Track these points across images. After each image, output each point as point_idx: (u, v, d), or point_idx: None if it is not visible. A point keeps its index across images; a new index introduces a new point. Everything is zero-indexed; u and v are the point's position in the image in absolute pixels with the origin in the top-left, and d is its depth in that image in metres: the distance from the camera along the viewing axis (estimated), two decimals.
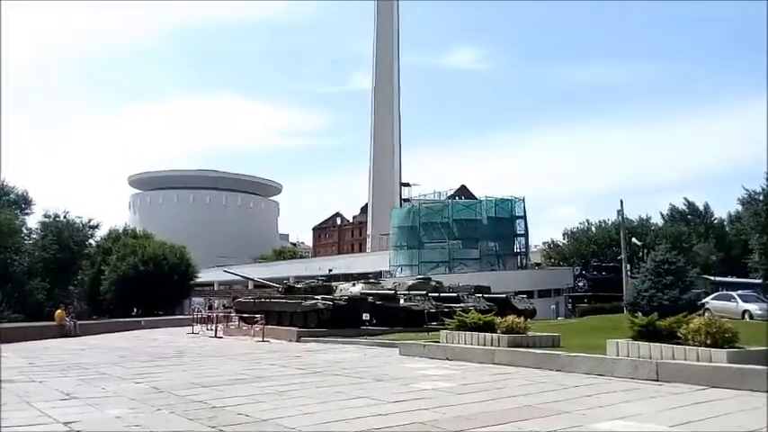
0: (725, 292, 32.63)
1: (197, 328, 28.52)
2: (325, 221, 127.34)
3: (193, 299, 57.01)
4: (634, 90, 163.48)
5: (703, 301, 27.60)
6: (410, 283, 32.35)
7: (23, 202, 52.61)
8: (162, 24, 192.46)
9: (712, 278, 43.91)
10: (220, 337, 25.55)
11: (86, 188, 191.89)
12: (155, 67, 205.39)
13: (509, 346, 12.02)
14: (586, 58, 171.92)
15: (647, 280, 25.54)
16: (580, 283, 48.29)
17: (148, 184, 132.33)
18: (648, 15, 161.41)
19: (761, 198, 45.43)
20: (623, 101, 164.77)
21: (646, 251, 38.51)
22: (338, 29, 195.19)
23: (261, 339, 22.47)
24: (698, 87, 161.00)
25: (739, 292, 30.69)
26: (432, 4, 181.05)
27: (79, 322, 32.96)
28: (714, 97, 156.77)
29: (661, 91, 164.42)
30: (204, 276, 65.46)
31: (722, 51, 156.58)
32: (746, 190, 48.32)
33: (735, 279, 46.41)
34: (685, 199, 63.27)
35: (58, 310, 32.49)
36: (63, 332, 29.62)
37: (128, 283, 49.83)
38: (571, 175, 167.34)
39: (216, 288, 78.15)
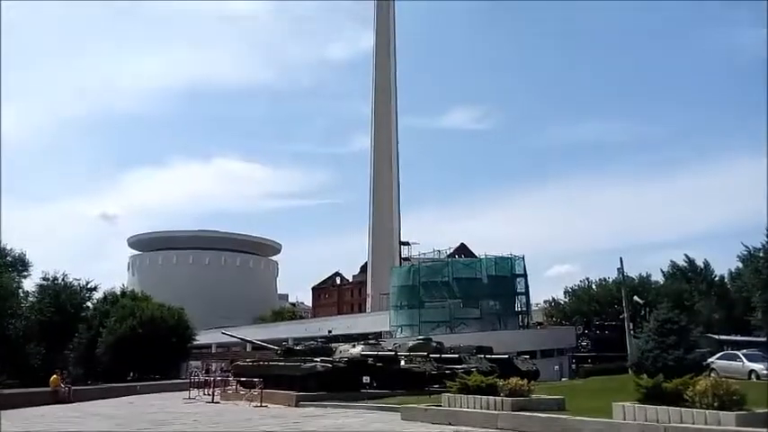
0: (730, 351, 32.15)
1: (194, 392, 27.93)
2: (325, 281, 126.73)
3: (191, 362, 56.13)
4: (631, 147, 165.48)
5: (709, 361, 27.16)
6: (411, 344, 31.95)
7: (21, 265, 52.51)
8: (161, 89, 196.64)
9: (716, 337, 43.37)
10: (217, 402, 25.01)
11: (86, 250, 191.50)
12: (154, 131, 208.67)
13: (513, 410, 11.77)
14: (584, 115, 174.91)
15: (650, 340, 25.26)
16: (583, 343, 47.65)
17: (148, 245, 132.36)
18: (645, 71, 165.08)
19: (761, 255, 45.39)
20: (620, 157, 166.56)
21: (648, 309, 38.22)
22: (337, 91, 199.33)
23: (259, 404, 21.97)
24: (695, 144, 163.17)
25: (744, 351, 30.26)
26: (427, 66, 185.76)
27: (74, 387, 32.34)
28: (712, 153, 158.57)
29: (658, 147, 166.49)
30: (202, 338, 64.60)
31: (719, 108, 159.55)
32: (746, 247, 48.39)
33: (739, 338, 45.82)
34: (686, 256, 63.17)
35: (54, 376, 31.91)
36: (57, 398, 28.99)
37: (124, 346, 49.11)
38: (570, 231, 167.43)
39: (214, 350, 77.00)
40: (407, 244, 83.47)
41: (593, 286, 62.06)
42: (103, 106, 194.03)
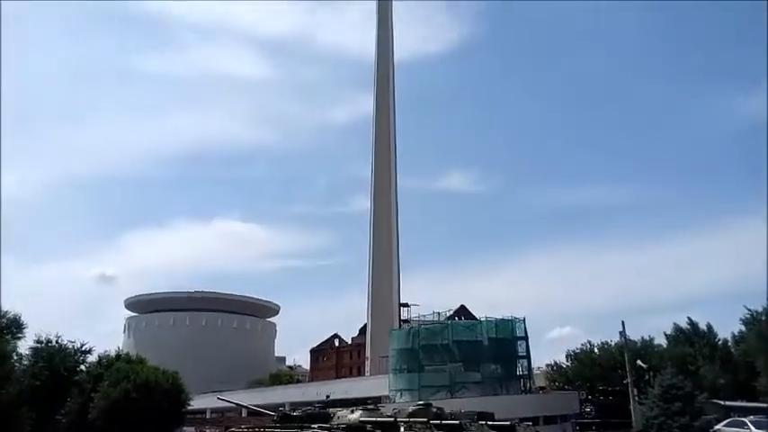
0: (736, 418, 31.48)
1: None
2: (323, 343, 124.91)
3: (184, 428, 54.66)
4: (629, 210, 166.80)
5: (715, 428, 26.59)
6: (410, 409, 31.07)
7: (16, 327, 51.76)
8: (164, 151, 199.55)
9: (722, 403, 42.49)
10: None
11: (83, 312, 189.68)
12: (156, 193, 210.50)
13: None
14: (582, 178, 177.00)
15: (655, 407, 24.83)
16: (587, 409, 46.67)
17: (145, 306, 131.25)
18: (642, 135, 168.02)
19: (763, 318, 45.00)
20: (620, 220, 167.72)
21: (652, 374, 37.59)
22: (338, 153, 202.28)
23: None
24: (695, 206, 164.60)
25: (751, 417, 29.64)
26: (427, 128, 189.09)
27: None
28: (712, 215, 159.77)
29: (658, 210, 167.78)
30: (197, 403, 63.04)
31: (719, 169, 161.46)
32: (748, 310, 48.02)
33: (745, 403, 44.85)
34: (689, 318, 62.52)
35: None
36: None
37: (118, 411, 47.84)
38: (570, 293, 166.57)
39: (208, 416, 75.21)
40: (407, 306, 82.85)
41: (596, 350, 61.17)
42: (105, 167, 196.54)
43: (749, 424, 26.86)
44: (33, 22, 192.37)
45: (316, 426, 24.93)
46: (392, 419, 27.07)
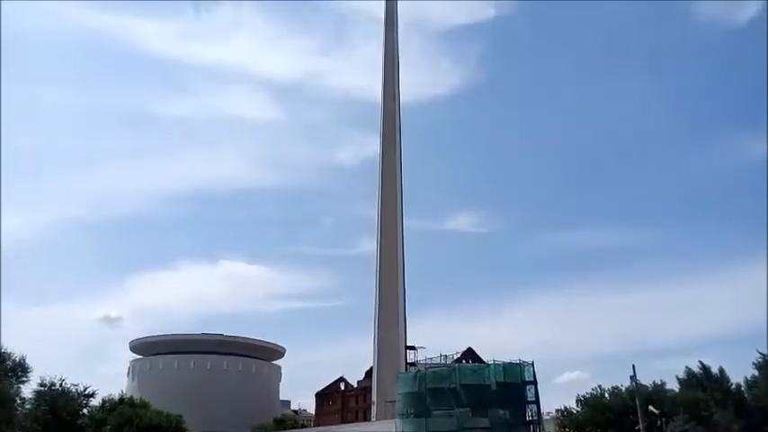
0: None
1: None
2: (329, 387, 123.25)
3: None
4: (636, 251, 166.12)
5: None
6: None
7: (21, 370, 51.49)
8: (171, 192, 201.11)
9: None
10: None
11: (87, 354, 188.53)
12: (162, 234, 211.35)
13: None
14: (590, 221, 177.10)
15: None
16: None
17: (149, 349, 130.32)
18: (646, 177, 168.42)
19: None
20: (625, 261, 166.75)
21: (664, 420, 36.86)
22: (344, 194, 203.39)
23: None
24: (706, 248, 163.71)
25: None
26: (433, 169, 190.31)
27: None
28: (720, 258, 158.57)
29: (662, 252, 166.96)
30: None
31: (725, 212, 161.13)
32: (761, 354, 47.29)
33: None
34: (700, 362, 61.54)
35: None
36: None
37: None
38: (579, 336, 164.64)
39: None
40: (413, 348, 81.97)
41: (606, 395, 60.09)
42: (113, 209, 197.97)
43: None
44: (48, 64, 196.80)
45: None
46: None
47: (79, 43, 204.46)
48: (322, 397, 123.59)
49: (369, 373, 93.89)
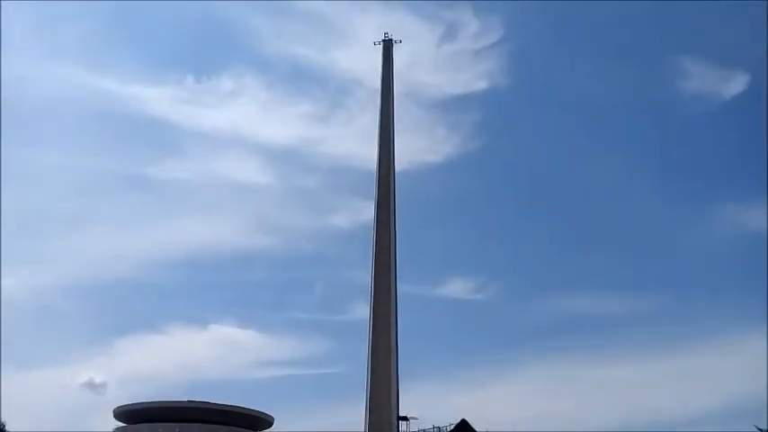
0: None
1: None
2: None
3: None
4: (634, 321, 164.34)
5: None
6: None
7: None
8: (161, 255, 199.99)
9: None
10: None
11: (69, 422, 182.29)
12: (151, 297, 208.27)
13: None
14: (588, 289, 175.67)
15: None
16: None
17: (134, 416, 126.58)
18: (643, 245, 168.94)
19: None
20: (623, 330, 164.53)
21: None
22: (337, 259, 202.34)
23: None
24: (701, 319, 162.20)
25: None
26: (427, 236, 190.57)
27: None
28: (718, 330, 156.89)
29: (662, 321, 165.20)
30: None
31: (727, 282, 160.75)
32: (759, 429, 46.32)
33: None
34: None
35: None
36: None
37: None
38: (575, 408, 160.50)
39: None
40: (406, 419, 79.91)
41: None
42: (102, 272, 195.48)
43: None
44: (39, 125, 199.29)
45: None
46: None
47: (80, 106, 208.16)
48: None
49: None
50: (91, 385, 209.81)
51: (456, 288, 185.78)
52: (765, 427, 45.01)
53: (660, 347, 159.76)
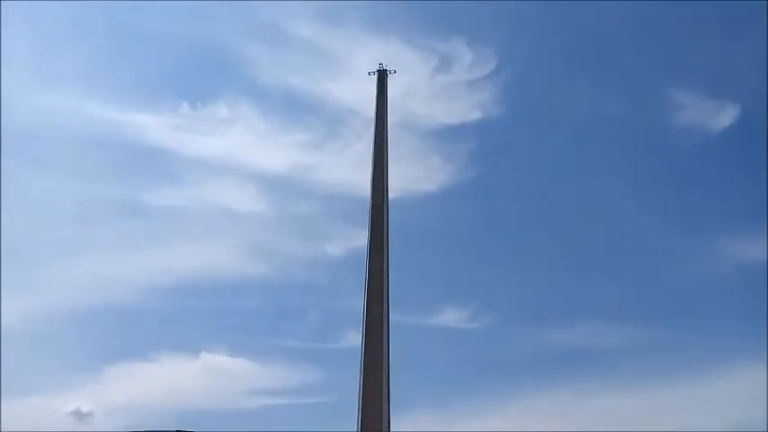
0: None
1: None
2: None
3: None
4: (633, 349, 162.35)
5: None
6: None
7: None
8: (154, 283, 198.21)
9: None
10: None
11: None
12: (142, 325, 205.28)
13: None
14: (586, 319, 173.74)
15: None
16: None
17: None
18: (640, 273, 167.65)
19: None
20: (622, 360, 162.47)
21: None
22: (331, 287, 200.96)
23: None
24: (701, 350, 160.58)
25: None
26: (421, 265, 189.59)
27: None
28: (719, 360, 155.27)
29: (661, 350, 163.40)
30: None
31: (725, 310, 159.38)
32: None
33: None
34: None
35: None
36: None
37: None
38: None
39: None
40: None
41: None
42: (94, 299, 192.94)
43: None
44: (33, 152, 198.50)
45: None
46: None
47: (75, 133, 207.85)
48: None
49: None
50: (78, 414, 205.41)
51: (450, 317, 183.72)
52: None
53: (660, 378, 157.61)
